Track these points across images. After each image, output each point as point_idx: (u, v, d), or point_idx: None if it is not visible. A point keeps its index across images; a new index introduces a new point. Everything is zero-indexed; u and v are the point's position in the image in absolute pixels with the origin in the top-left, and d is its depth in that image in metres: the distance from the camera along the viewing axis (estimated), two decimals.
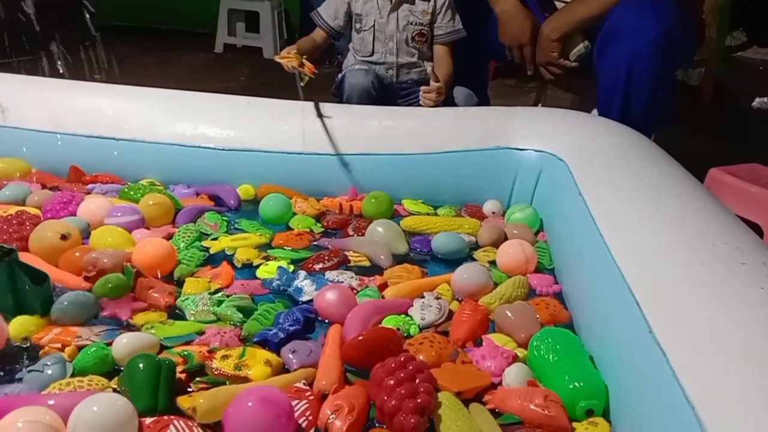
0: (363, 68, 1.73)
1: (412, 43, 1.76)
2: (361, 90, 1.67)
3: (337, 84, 1.78)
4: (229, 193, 1.39)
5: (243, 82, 3.29)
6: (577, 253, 1.08)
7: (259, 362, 0.83)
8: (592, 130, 1.38)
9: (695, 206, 0.96)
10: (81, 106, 1.50)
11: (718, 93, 3.07)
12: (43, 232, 1.08)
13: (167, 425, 0.72)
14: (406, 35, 1.75)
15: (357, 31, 1.79)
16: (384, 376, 0.76)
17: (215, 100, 1.55)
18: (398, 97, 1.80)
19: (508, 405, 0.79)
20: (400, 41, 1.76)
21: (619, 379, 0.78)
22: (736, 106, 3.06)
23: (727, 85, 3.16)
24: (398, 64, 1.78)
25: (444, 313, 0.99)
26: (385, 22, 1.75)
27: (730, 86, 3.17)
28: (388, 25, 1.75)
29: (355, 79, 1.69)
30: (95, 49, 1.88)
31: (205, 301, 0.98)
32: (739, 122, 2.84)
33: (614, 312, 0.84)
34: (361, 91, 1.67)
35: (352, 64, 1.78)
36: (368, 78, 1.69)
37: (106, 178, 1.43)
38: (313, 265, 1.12)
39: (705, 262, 0.78)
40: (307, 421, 0.75)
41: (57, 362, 0.81)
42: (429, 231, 1.28)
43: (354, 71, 1.72)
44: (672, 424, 0.63)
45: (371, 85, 1.68)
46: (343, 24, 1.80)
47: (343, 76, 1.74)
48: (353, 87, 1.68)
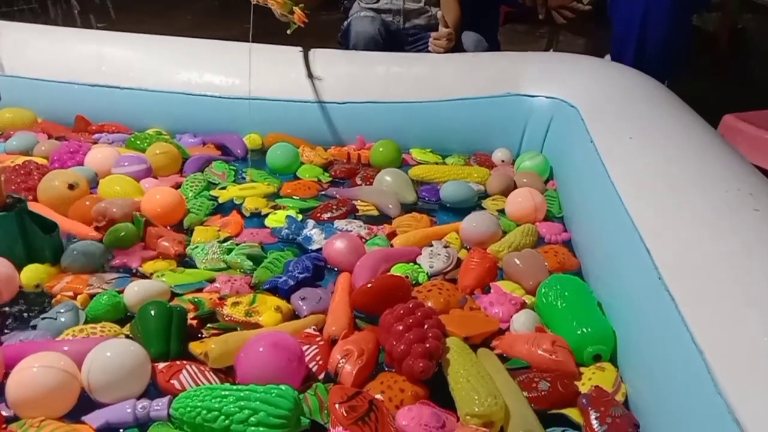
0: (369, 15, 1.69)
1: None
2: (368, 38, 1.64)
3: (342, 32, 1.75)
4: (236, 142, 1.38)
5: (247, 30, 3.23)
6: (587, 200, 1.07)
7: (269, 309, 0.84)
8: (605, 76, 1.35)
9: (708, 153, 0.94)
10: (85, 54, 1.48)
11: (734, 38, 2.99)
12: (51, 181, 1.08)
13: (180, 370, 0.73)
14: None
15: None
16: (393, 322, 0.76)
17: (220, 47, 1.52)
18: (405, 44, 1.76)
19: (516, 350, 0.80)
20: None
21: (628, 325, 0.78)
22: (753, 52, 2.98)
23: (745, 30, 3.07)
24: (405, 9, 1.73)
25: (452, 261, 0.99)
26: None
27: (748, 31, 3.08)
28: None
29: (362, 27, 1.65)
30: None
31: (215, 249, 0.98)
32: (755, 68, 2.77)
33: (624, 259, 0.84)
34: (367, 38, 1.64)
35: (358, 12, 1.74)
36: (374, 25, 1.65)
37: (112, 128, 1.42)
38: (321, 215, 1.12)
39: (717, 208, 0.77)
40: (317, 365, 0.76)
41: (70, 310, 0.83)
42: (437, 180, 1.27)
43: (360, 18, 1.68)
44: (680, 368, 0.63)
45: (377, 32, 1.65)
46: None
47: (349, 23, 1.71)
48: (359, 35, 1.65)
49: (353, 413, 0.67)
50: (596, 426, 0.68)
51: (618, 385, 0.74)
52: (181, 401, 0.67)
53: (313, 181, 1.25)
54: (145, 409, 0.68)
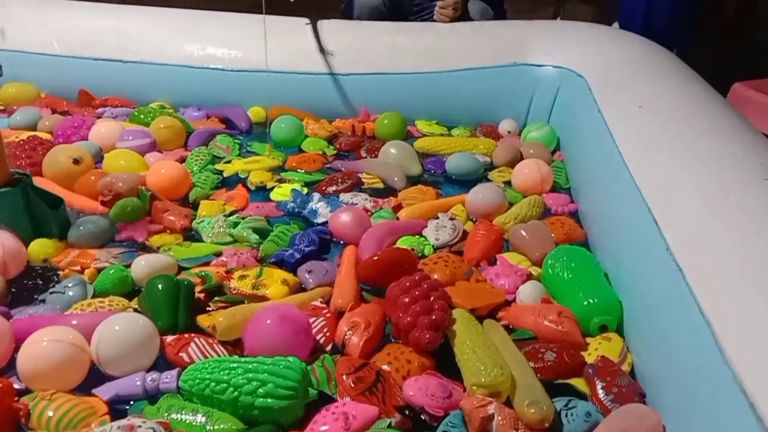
0: None
1: None
2: (371, 8, 1.62)
3: (346, 2, 1.72)
4: (240, 115, 1.37)
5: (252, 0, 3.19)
6: (594, 171, 1.06)
7: (276, 282, 0.84)
8: (613, 44, 1.33)
9: (717, 122, 0.93)
10: (86, 27, 1.46)
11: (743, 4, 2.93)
12: (56, 156, 1.08)
13: (188, 342, 0.74)
14: None
15: None
16: (399, 294, 0.77)
17: (224, 19, 1.50)
18: (410, 14, 1.73)
19: (522, 321, 0.80)
20: None
21: (634, 296, 0.78)
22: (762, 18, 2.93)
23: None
24: None
25: (458, 233, 0.99)
26: None
27: None
28: None
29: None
30: None
31: (221, 223, 0.98)
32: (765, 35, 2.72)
33: (632, 230, 0.83)
34: (371, 8, 1.62)
35: None
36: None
37: (115, 102, 1.41)
38: (326, 188, 1.12)
39: (726, 178, 0.77)
40: (324, 337, 0.76)
41: (78, 284, 0.83)
42: (443, 152, 1.26)
43: None
44: (687, 339, 0.63)
45: (381, 2, 1.62)
46: None
47: None
48: (363, 5, 1.62)
49: (360, 384, 0.68)
50: (602, 395, 0.68)
51: (624, 355, 0.75)
52: (190, 373, 0.68)
53: (318, 154, 1.25)
54: (154, 381, 0.69)
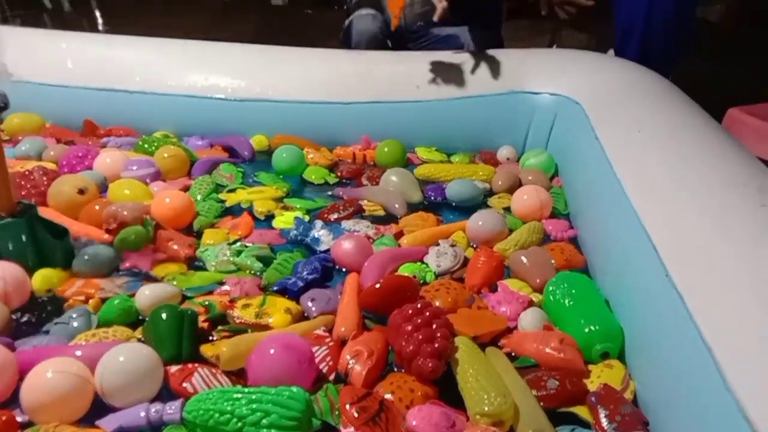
0: (370, 13, 1.69)
1: None
2: (369, 36, 1.64)
3: (344, 31, 1.74)
4: (243, 144, 1.38)
5: (253, 30, 3.24)
6: (592, 197, 1.07)
7: (279, 310, 0.85)
8: (609, 71, 1.35)
9: (713, 148, 0.94)
10: (91, 58, 1.49)
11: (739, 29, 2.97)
12: (61, 186, 1.09)
13: (192, 373, 0.74)
14: None
15: None
16: (402, 322, 0.77)
17: (226, 49, 1.53)
18: (409, 41, 1.76)
19: (524, 348, 0.80)
20: None
21: (635, 322, 0.79)
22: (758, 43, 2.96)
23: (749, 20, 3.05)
24: (406, 4, 1.73)
25: (459, 260, 0.99)
26: None
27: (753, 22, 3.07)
28: None
29: (363, 25, 1.65)
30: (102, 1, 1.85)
31: (225, 251, 0.99)
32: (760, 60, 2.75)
33: (631, 256, 0.84)
34: (369, 37, 1.64)
35: (358, 10, 1.73)
36: (376, 23, 1.64)
37: (120, 132, 1.43)
38: (328, 215, 1.13)
39: (724, 204, 0.77)
40: (327, 366, 0.77)
41: (82, 314, 0.84)
42: (443, 178, 1.28)
43: (361, 17, 1.67)
44: (688, 365, 0.63)
45: (379, 30, 1.64)
46: None
47: (350, 22, 1.70)
48: (361, 33, 1.64)
49: (364, 414, 0.68)
50: (605, 424, 0.68)
51: (627, 382, 0.75)
52: (193, 404, 0.68)
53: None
54: (158, 412, 0.69)
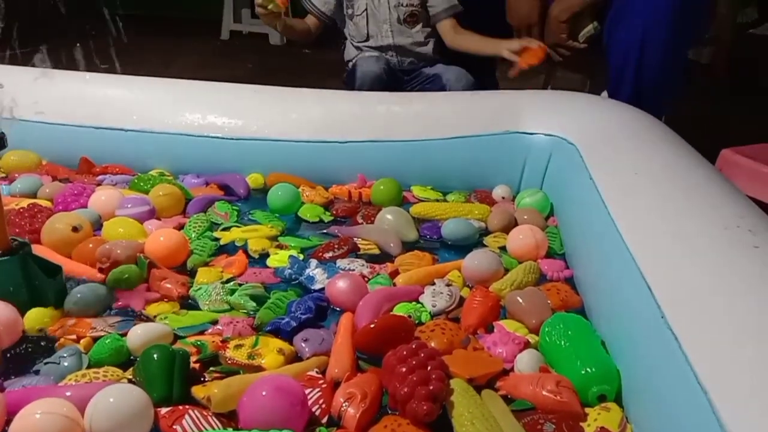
0: (374, 55, 1.73)
1: (405, 24, 1.75)
2: (373, 77, 1.67)
3: (348, 73, 1.78)
4: (239, 182, 1.39)
5: (250, 70, 3.28)
6: (588, 237, 1.08)
7: (272, 351, 0.84)
8: (602, 112, 1.37)
9: (707, 189, 0.95)
10: (88, 96, 1.50)
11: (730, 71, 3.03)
12: (55, 224, 1.09)
13: (182, 415, 0.73)
14: (398, 16, 1.75)
15: (350, 17, 1.79)
16: (396, 364, 0.76)
17: (223, 88, 1.55)
18: (402, 82, 1.79)
19: (520, 391, 0.79)
20: (393, 23, 1.75)
21: (632, 364, 0.78)
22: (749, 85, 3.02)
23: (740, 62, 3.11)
24: (395, 45, 1.77)
25: (455, 299, 0.99)
26: (377, 4, 1.74)
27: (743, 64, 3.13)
28: (380, 7, 1.74)
29: (367, 67, 1.68)
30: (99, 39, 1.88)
31: (218, 290, 0.98)
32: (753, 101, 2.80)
33: (626, 297, 0.84)
34: (372, 78, 1.67)
35: (358, 54, 1.77)
36: (379, 64, 1.68)
37: (115, 169, 1.43)
38: (323, 254, 1.13)
39: (717, 245, 0.78)
40: (320, 409, 0.75)
41: (73, 354, 0.82)
42: (438, 217, 1.28)
43: (365, 59, 1.72)
44: (685, 409, 0.63)
45: (382, 71, 1.68)
46: (334, 8, 1.80)
47: (354, 64, 1.74)
48: (365, 74, 1.68)
49: None
50: None
51: (624, 425, 0.74)
52: None
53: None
54: None
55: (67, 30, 1.59)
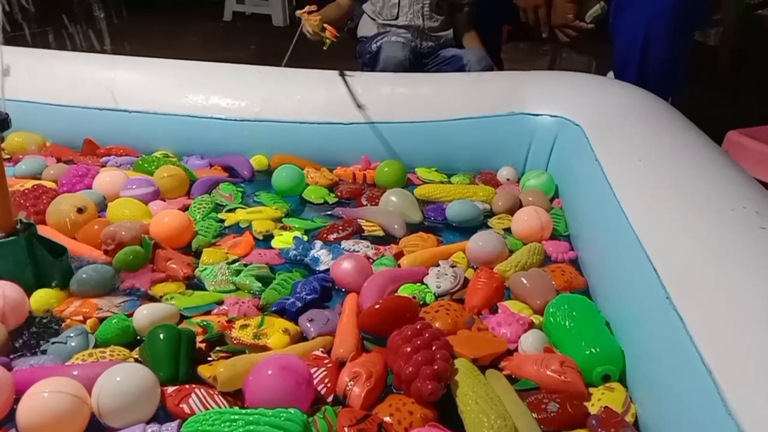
0: (400, 41, 1.71)
1: (436, 8, 1.74)
2: (397, 63, 1.66)
3: (371, 54, 1.75)
4: (243, 164, 1.39)
5: (253, 51, 3.26)
6: (593, 219, 1.07)
7: (277, 331, 0.84)
8: (608, 93, 1.35)
9: (713, 170, 0.94)
10: (93, 78, 1.50)
11: (737, 53, 3.00)
12: (60, 205, 1.09)
13: (189, 394, 0.73)
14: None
15: None
16: (401, 344, 0.77)
17: (226, 70, 1.54)
18: (422, 65, 1.78)
19: (525, 371, 0.79)
20: (425, 5, 1.73)
21: (636, 345, 0.78)
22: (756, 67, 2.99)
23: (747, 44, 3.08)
24: (424, 28, 1.75)
25: (459, 281, 0.99)
26: None
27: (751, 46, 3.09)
28: None
29: (392, 52, 1.67)
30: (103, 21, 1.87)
31: (224, 270, 0.99)
32: (759, 83, 2.78)
33: (631, 278, 0.84)
34: (396, 63, 1.66)
35: (382, 35, 1.75)
36: (405, 51, 1.68)
37: (120, 151, 1.43)
38: (327, 235, 1.13)
39: (723, 227, 0.77)
40: (325, 388, 0.76)
41: (80, 334, 0.83)
42: (443, 199, 1.28)
43: (391, 44, 1.70)
44: (689, 388, 0.63)
45: (406, 59, 1.67)
46: None
47: (379, 47, 1.72)
48: (389, 59, 1.67)
49: None
50: None
51: (627, 405, 0.74)
52: (190, 425, 0.67)
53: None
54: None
55: (72, 12, 1.59)
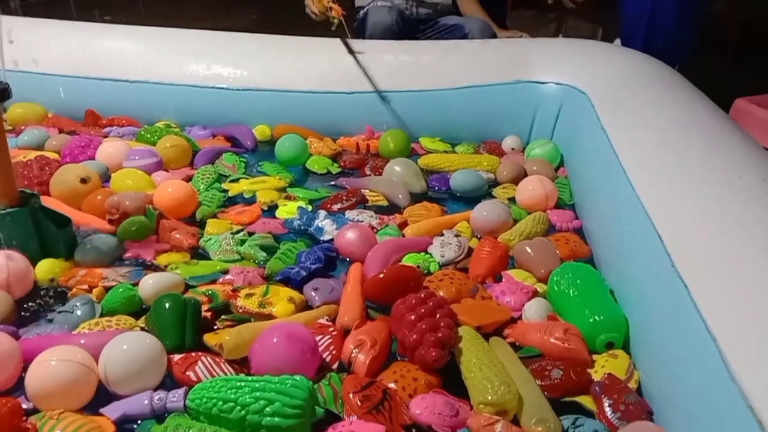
0: (386, 5, 1.69)
1: None
2: (384, 27, 1.64)
3: (359, 21, 1.74)
4: (246, 134, 1.38)
5: (254, 20, 3.23)
6: (598, 187, 1.07)
7: (282, 300, 0.84)
8: (615, 61, 1.34)
9: (720, 138, 0.93)
10: (94, 48, 1.48)
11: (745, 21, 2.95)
12: (63, 176, 1.09)
13: (195, 361, 0.74)
14: None
15: None
16: (405, 312, 0.77)
17: (228, 38, 1.52)
18: (417, 31, 1.75)
19: (528, 338, 0.80)
20: None
21: (640, 313, 0.78)
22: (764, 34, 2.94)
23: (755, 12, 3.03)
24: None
25: (463, 250, 0.99)
26: None
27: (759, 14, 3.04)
28: None
29: (379, 17, 1.65)
30: None
31: (228, 240, 0.99)
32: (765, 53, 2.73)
33: (636, 246, 0.83)
34: (383, 28, 1.64)
35: (371, 1, 1.73)
36: (392, 15, 1.65)
37: (122, 121, 1.43)
38: (331, 205, 1.13)
39: (729, 194, 0.77)
40: (331, 355, 0.76)
41: (86, 303, 0.83)
42: (447, 169, 1.27)
43: (377, 9, 1.67)
44: (693, 355, 0.63)
45: (395, 22, 1.65)
46: None
47: (366, 13, 1.70)
48: (376, 25, 1.64)
49: (367, 402, 0.68)
50: (609, 413, 0.68)
51: (631, 372, 0.74)
52: (197, 392, 0.68)
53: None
54: (161, 400, 0.69)
55: None
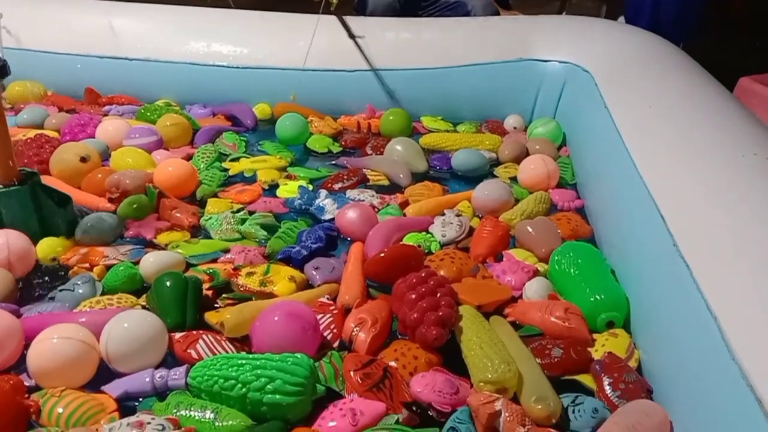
0: None
1: None
2: (386, 5, 1.63)
3: None
4: (246, 112, 1.37)
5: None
6: (601, 167, 1.06)
7: (283, 278, 0.85)
8: (619, 39, 1.32)
9: (724, 117, 0.93)
10: (93, 25, 1.47)
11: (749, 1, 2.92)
12: (63, 154, 1.09)
13: (197, 339, 0.74)
14: None
15: None
16: (406, 291, 0.77)
17: (228, 16, 1.50)
18: (419, 9, 1.74)
19: (529, 317, 0.80)
20: None
21: (641, 292, 0.78)
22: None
23: None
24: None
25: (465, 229, 0.99)
26: None
27: None
28: None
29: None
30: None
31: (229, 219, 0.98)
32: None
33: (638, 226, 0.83)
34: (385, 6, 1.63)
35: None
36: None
37: (122, 100, 1.42)
38: (332, 185, 1.12)
39: (733, 173, 0.76)
40: (331, 333, 0.77)
41: (87, 281, 0.84)
42: (449, 148, 1.26)
43: None
44: (694, 334, 0.63)
45: (395, 0, 1.63)
46: None
47: None
48: (378, 2, 1.63)
49: (368, 380, 0.68)
50: (609, 391, 0.68)
51: (631, 351, 0.75)
52: (198, 370, 0.68)
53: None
54: (163, 378, 0.69)
55: None
